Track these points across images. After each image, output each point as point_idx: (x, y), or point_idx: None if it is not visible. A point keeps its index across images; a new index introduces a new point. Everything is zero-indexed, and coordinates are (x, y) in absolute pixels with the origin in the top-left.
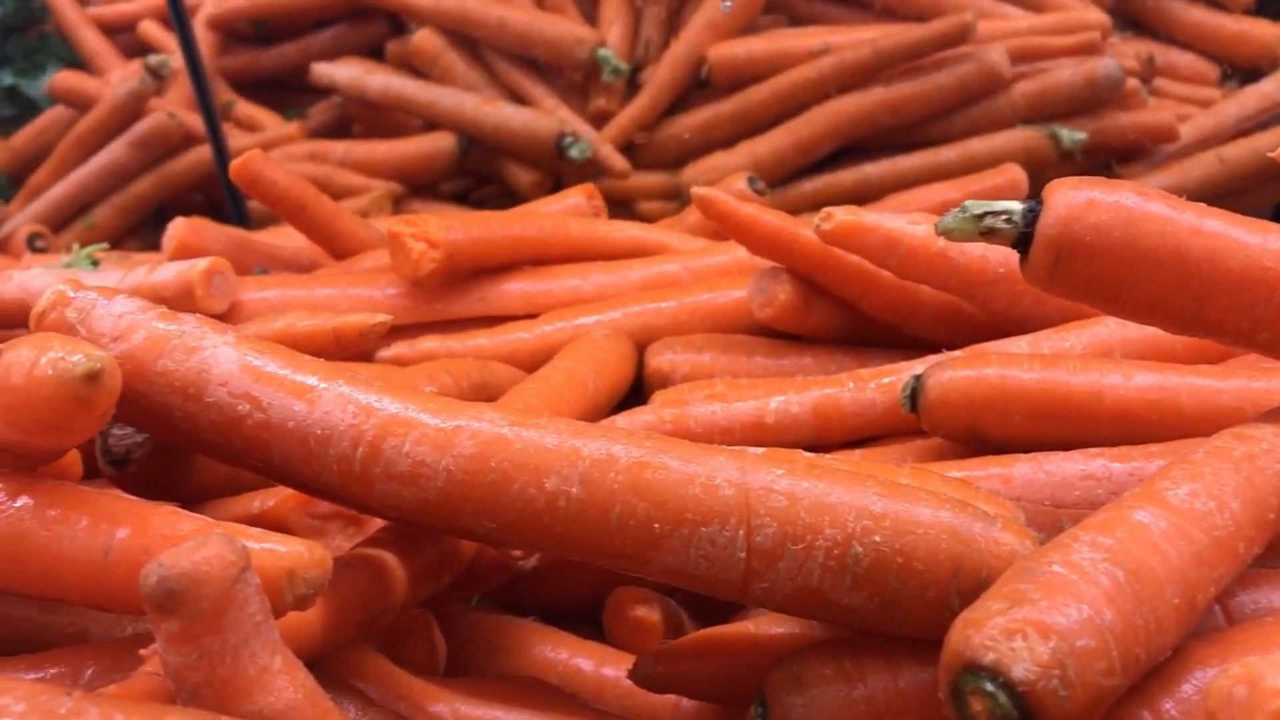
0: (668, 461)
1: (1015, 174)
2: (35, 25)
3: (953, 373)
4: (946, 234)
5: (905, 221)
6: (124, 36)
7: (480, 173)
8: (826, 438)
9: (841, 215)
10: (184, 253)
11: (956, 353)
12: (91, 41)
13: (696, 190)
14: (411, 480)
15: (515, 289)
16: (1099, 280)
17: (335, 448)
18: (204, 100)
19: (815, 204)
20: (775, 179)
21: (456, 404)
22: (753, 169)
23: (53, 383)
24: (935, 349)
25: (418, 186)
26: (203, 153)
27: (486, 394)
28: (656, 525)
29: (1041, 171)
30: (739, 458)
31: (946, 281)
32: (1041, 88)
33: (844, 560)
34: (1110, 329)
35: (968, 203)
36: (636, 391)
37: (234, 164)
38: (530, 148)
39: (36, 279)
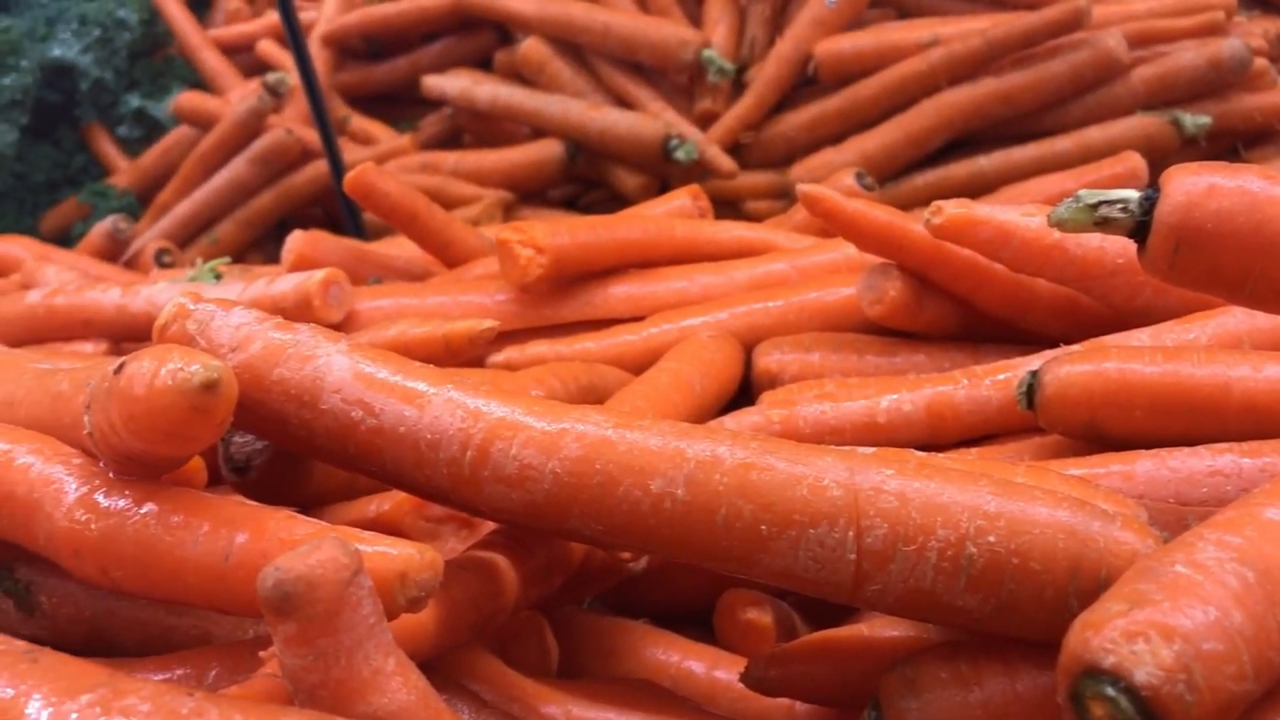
0: (774, 462)
1: (1135, 162)
2: (160, 49)
3: (1070, 368)
4: (1059, 225)
5: (1018, 213)
6: (243, 56)
7: (588, 178)
8: (940, 437)
9: (952, 209)
10: (302, 264)
11: (1074, 347)
12: (212, 62)
13: (802, 187)
14: (519, 483)
15: (621, 292)
16: (1222, 269)
17: (445, 451)
18: (319, 116)
19: (927, 198)
20: (886, 174)
21: (561, 407)
22: (862, 165)
23: (172, 392)
24: (1052, 344)
25: (527, 194)
26: (320, 167)
27: (594, 396)
28: (763, 527)
29: (1163, 159)
30: (847, 457)
31: (1063, 274)
32: (1161, 72)
33: (957, 561)
34: (1237, 319)
35: (1081, 192)
36: (744, 393)
37: (348, 177)
38: (636, 151)
39: (162, 293)
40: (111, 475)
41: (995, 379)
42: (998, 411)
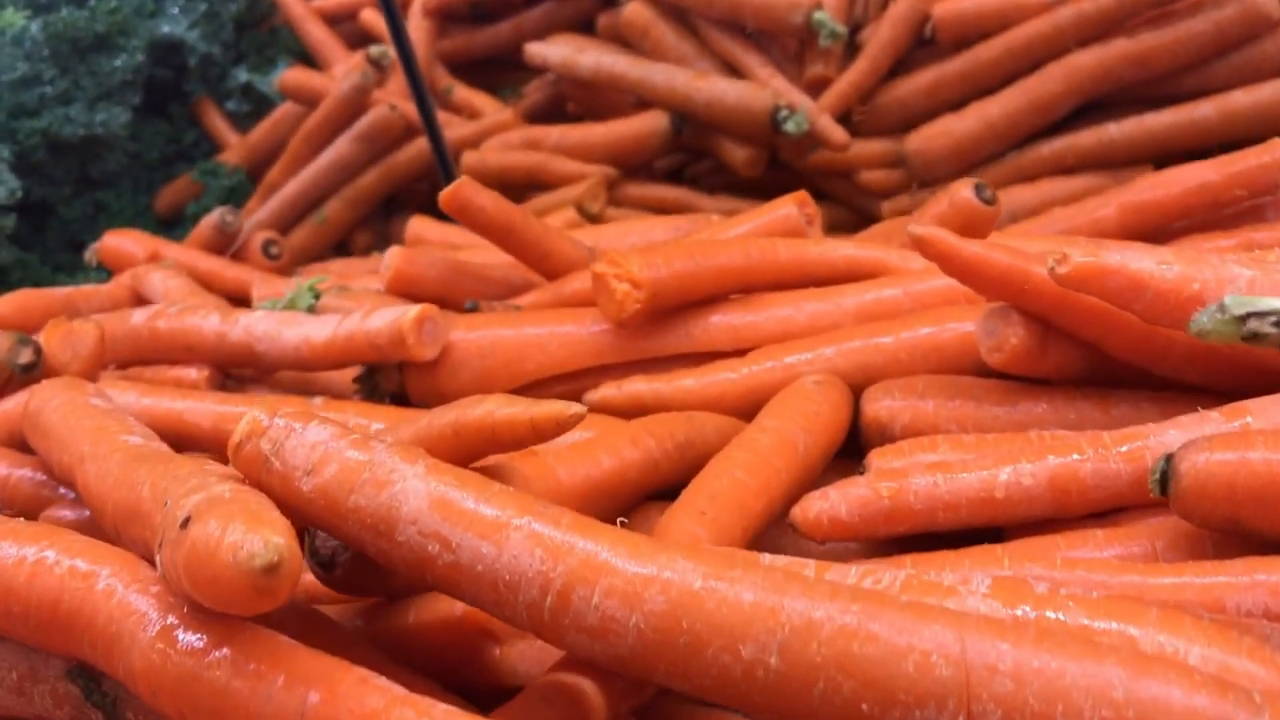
0: (877, 631)
1: None
2: (265, 20)
3: (1210, 455)
4: (1202, 335)
5: (1154, 262)
6: (346, 25)
7: (694, 148)
8: (1064, 512)
9: (1079, 257)
10: (400, 281)
11: (1216, 416)
12: (317, 34)
13: (914, 229)
14: (601, 635)
15: (722, 323)
16: None
17: (524, 594)
18: (418, 94)
19: (1053, 168)
20: (1008, 143)
21: (647, 545)
22: (984, 131)
23: (232, 569)
24: (1189, 391)
25: (632, 168)
26: (424, 144)
27: (692, 453)
28: (865, 705)
29: None
30: (958, 624)
31: None
32: None
33: None
34: None
35: (1228, 301)
36: (854, 437)
37: (443, 195)
38: (744, 123)
39: (259, 323)
40: (187, 610)
41: (1125, 449)
42: (1128, 485)
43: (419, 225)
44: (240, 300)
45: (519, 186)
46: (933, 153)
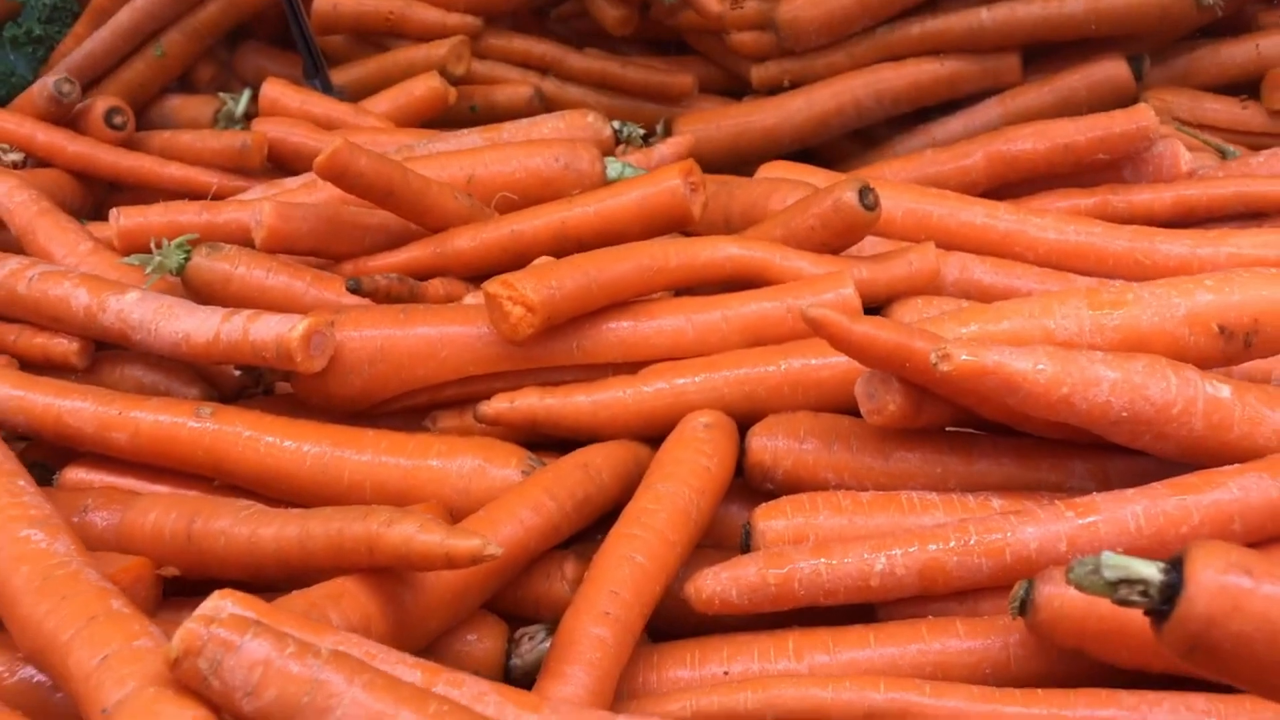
0: None
1: (1146, 121)
2: None
3: (1064, 592)
4: (1078, 587)
5: (1030, 364)
6: None
7: None
8: (931, 595)
9: (962, 356)
10: (275, 239)
11: (1069, 516)
12: None
13: (808, 312)
14: None
15: (614, 336)
16: (1236, 675)
17: None
18: None
19: (922, 49)
20: (880, 18)
21: None
22: (856, 6)
23: None
24: (1045, 441)
25: (496, 15)
26: None
27: (589, 508)
28: None
29: (1176, 27)
30: None
31: (1067, 420)
32: None
33: None
34: (1232, 494)
35: (1104, 560)
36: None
37: (319, 160)
38: None
39: (133, 310)
40: None
41: (989, 539)
42: (987, 577)
43: (275, 90)
44: (85, 177)
45: (377, 34)
46: (803, 22)
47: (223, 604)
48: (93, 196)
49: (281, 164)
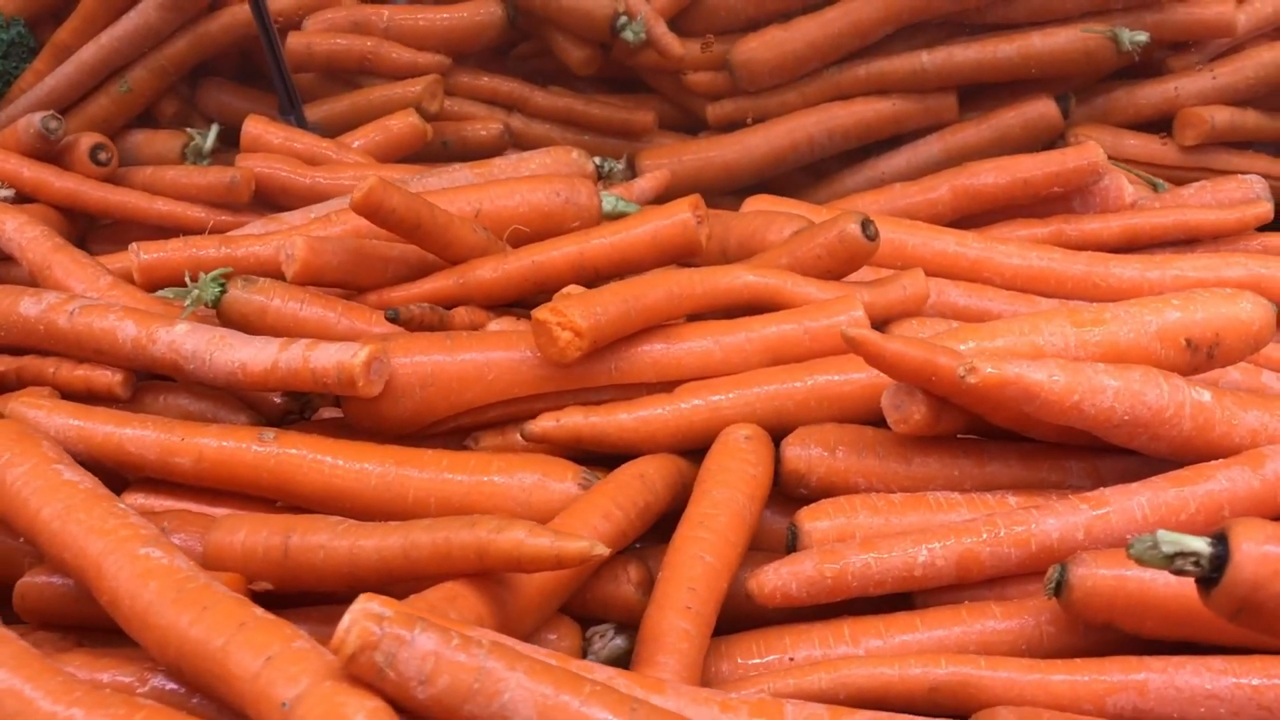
0: None
1: (1095, 157)
2: None
3: (1096, 571)
4: (1138, 561)
5: (1045, 375)
6: None
7: (529, 37)
8: (967, 583)
9: (987, 369)
10: (307, 272)
11: (1083, 509)
12: None
13: (848, 331)
14: None
15: (648, 357)
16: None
17: None
18: None
19: (867, 89)
20: (829, 60)
21: None
22: (807, 49)
23: None
24: (1045, 445)
25: (465, 56)
26: (238, 13)
27: (649, 516)
28: None
29: (1098, 69)
30: None
31: (1076, 424)
32: None
33: None
34: (1221, 485)
35: (1160, 537)
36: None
37: (355, 196)
38: (583, 25)
39: (185, 341)
40: None
41: (1014, 532)
42: (1016, 565)
43: (258, 126)
44: (70, 212)
45: (350, 73)
46: (757, 64)
47: (371, 605)
48: (75, 230)
49: (266, 199)
